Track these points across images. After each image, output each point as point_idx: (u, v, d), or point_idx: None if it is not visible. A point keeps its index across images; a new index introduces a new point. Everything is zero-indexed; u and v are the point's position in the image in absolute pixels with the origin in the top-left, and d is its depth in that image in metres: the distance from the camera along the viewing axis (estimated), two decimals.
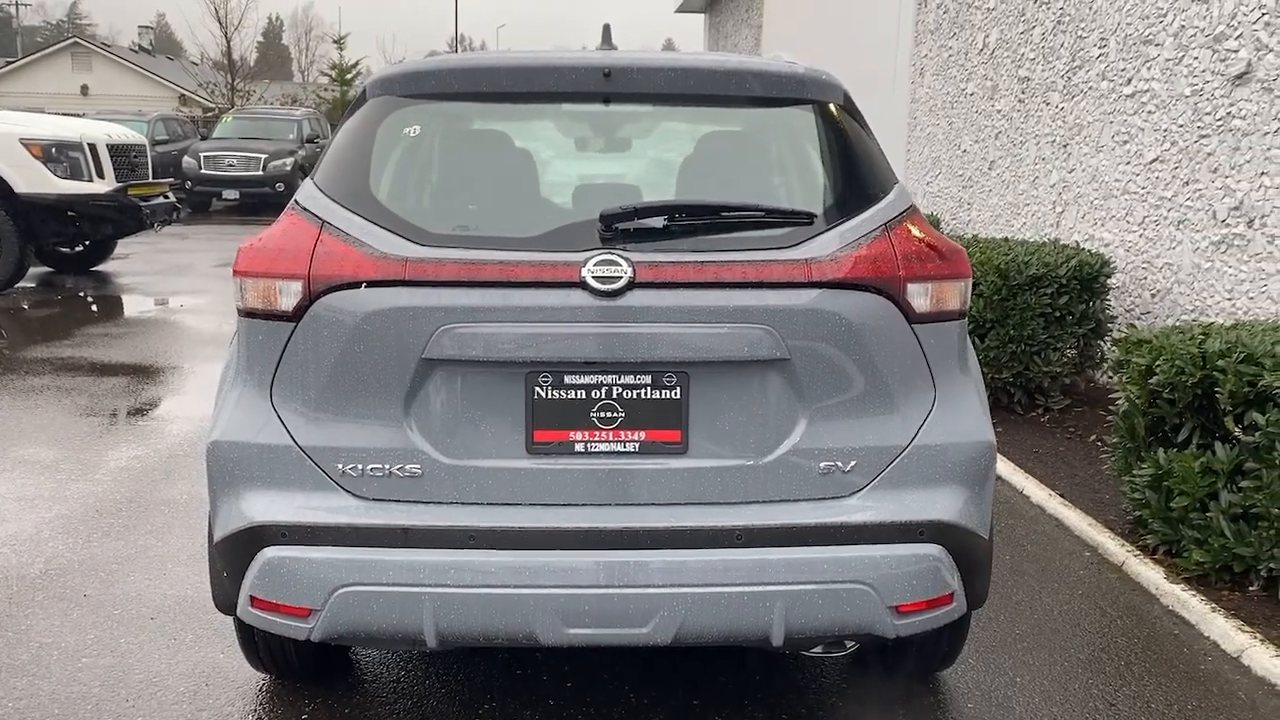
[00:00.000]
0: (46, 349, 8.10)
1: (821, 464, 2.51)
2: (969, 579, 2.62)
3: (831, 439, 2.51)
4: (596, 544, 2.44)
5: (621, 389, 2.46)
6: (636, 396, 2.47)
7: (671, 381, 2.46)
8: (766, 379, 2.48)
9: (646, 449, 2.48)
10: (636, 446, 2.48)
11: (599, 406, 2.47)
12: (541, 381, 2.45)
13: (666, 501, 2.49)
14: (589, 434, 2.47)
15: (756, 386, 2.49)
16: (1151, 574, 4.00)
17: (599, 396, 2.47)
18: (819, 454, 2.51)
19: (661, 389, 2.47)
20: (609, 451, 2.48)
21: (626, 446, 2.48)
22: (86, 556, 4.12)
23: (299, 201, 2.66)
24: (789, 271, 2.46)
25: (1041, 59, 8.17)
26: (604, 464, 2.48)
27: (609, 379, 2.46)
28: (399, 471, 2.47)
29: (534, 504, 2.48)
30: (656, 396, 2.47)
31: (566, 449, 2.48)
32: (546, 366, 2.44)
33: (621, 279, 2.40)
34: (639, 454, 2.48)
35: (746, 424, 2.49)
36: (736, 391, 2.48)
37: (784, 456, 2.50)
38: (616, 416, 2.47)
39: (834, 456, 2.51)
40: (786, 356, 2.45)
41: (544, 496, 2.48)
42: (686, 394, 2.47)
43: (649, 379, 2.46)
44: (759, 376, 2.48)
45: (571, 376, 2.46)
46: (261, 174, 19.45)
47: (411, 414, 2.47)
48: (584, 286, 2.41)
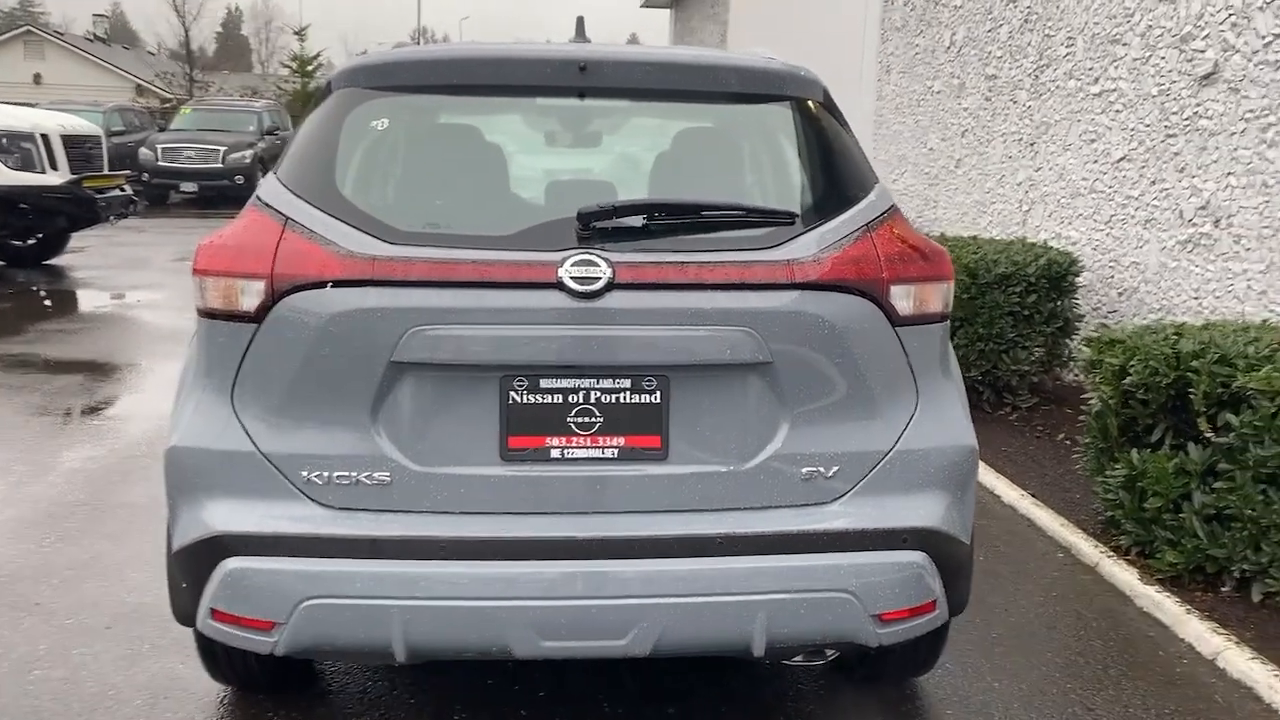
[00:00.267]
0: None
1: (804, 470, 2.45)
2: (950, 585, 2.57)
3: (814, 444, 2.45)
4: (573, 554, 2.36)
5: (600, 393, 2.39)
6: (615, 401, 2.39)
7: (651, 385, 2.39)
8: (748, 383, 2.42)
9: (625, 455, 2.41)
10: (615, 453, 2.41)
11: (576, 411, 2.39)
12: (516, 386, 2.37)
13: (646, 509, 2.41)
14: (566, 440, 2.40)
15: (738, 390, 2.42)
16: (1125, 575, 3.99)
17: (576, 401, 2.39)
18: (801, 459, 2.45)
19: (641, 393, 2.40)
20: (586, 458, 2.40)
21: (605, 453, 2.40)
22: (39, 562, 3.99)
23: (261, 197, 2.56)
24: (771, 273, 2.39)
25: (1009, 57, 8.17)
26: (581, 471, 2.40)
27: (586, 383, 2.38)
28: (366, 479, 2.38)
29: (508, 513, 2.39)
30: (636, 401, 2.40)
31: (542, 455, 2.40)
32: (521, 370, 2.36)
33: (600, 280, 2.33)
34: (618, 460, 2.41)
35: (728, 429, 2.43)
36: (717, 396, 2.42)
37: (766, 462, 2.43)
38: (594, 422, 2.40)
39: (816, 462, 2.45)
40: (769, 360, 2.39)
41: (518, 505, 2.40)
42: (667, 398, 2.40)
43: (628, 383, 2.39)
44: (740, 380, 2.42)
45: (548, 380, 2.38)
46: (220, 166, 19.12)
47: (380, 419, 2.38)
48: (561, 287, 2.33)
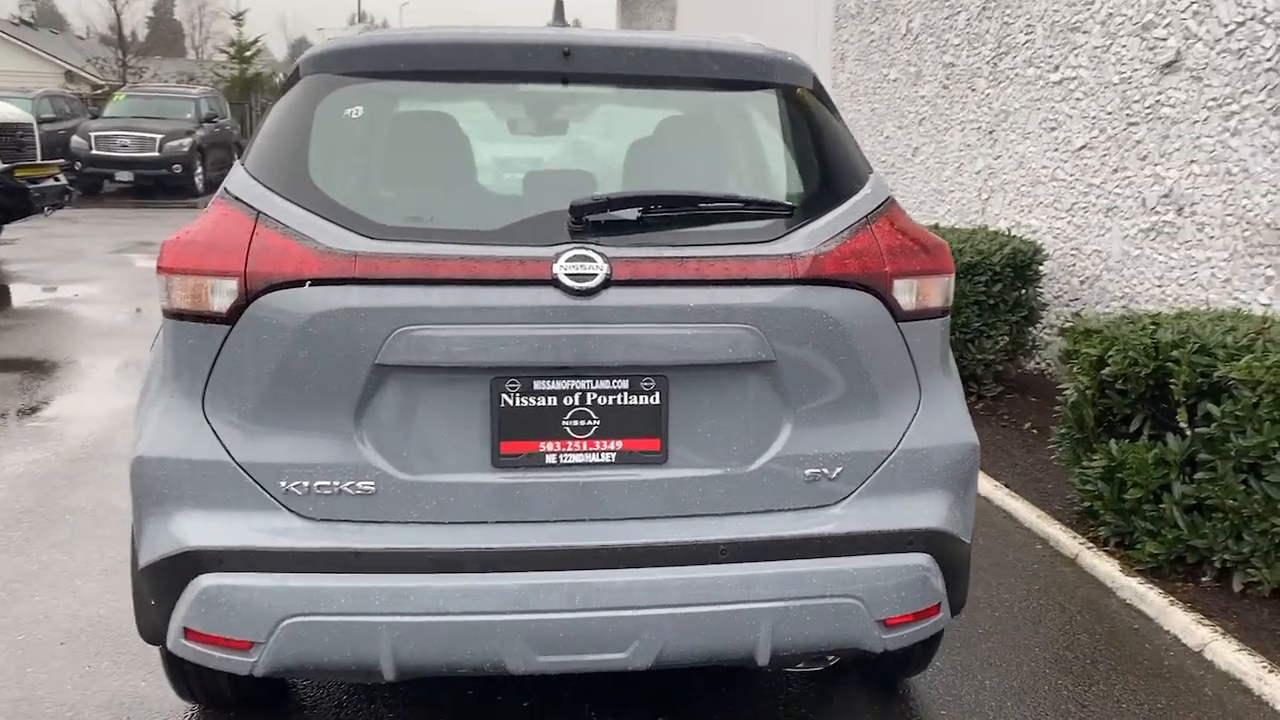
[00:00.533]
0: None
1: (807, 471, 2.36)
2: (952, 586, 2.51)
3: (817, 445, 2.36)
4: (570, 564, 2.25)
5: (596, 395, 2.28)
6: (612, 403, 2.28)
7: (650, 386, 2.29)
8: (750, 382, 2.32)
9: (623, 459, 2.30)
10: (612, 457, 2.29)
11: (571, 414, 2.28)
12: (509, 388, 2.25)
13: (644, 515, 2.31)
14: (561, 444, 2.28)
15: (739, 390, 2.32)
16: (1106, 567, 3.97)
17: (571, 404, 2.27)
18: (804, 461, 2.36)
19: (639, 394, 2.29)
20: (583, 463, 2.29)
21: (602, 457, 2.29)
22: None
23: (230, 190, 2.41)
24: (774, 268, 2.30)
25: (967, 45, 8.16)
26: (577, 476, 2.29)
27: (582, 384, 2.27)
28: (350, 489, 2.25)
29: (500, 522, 2.28)
30: (634, 403, 2.29)
31: (536, 461, 2.28)
32: (514, 372, 2.24)
33: (597, 276, 2.21)
34: (615, 465, 2.30)
35: (729, 430, 2.33)
36: (718, 396, 2.32)
37: (768, 464, 2.34)
38: (591, 425, 2.28)
39: (820, 463, 2.37)
40: (771, 358, 2.29)
41: (512, 514, 2.28)
42: (666, 399, 2.30)
43: (626, 384, 2.28)
44: (742, 379, 2.32)
45: (541, 382, 2.26)
46: (157, 155, 18.57)
47: (363, 425, 2.24)
48: (556, 284, 2.21)
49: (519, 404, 2.26)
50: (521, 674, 2.26)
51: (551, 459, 2.28)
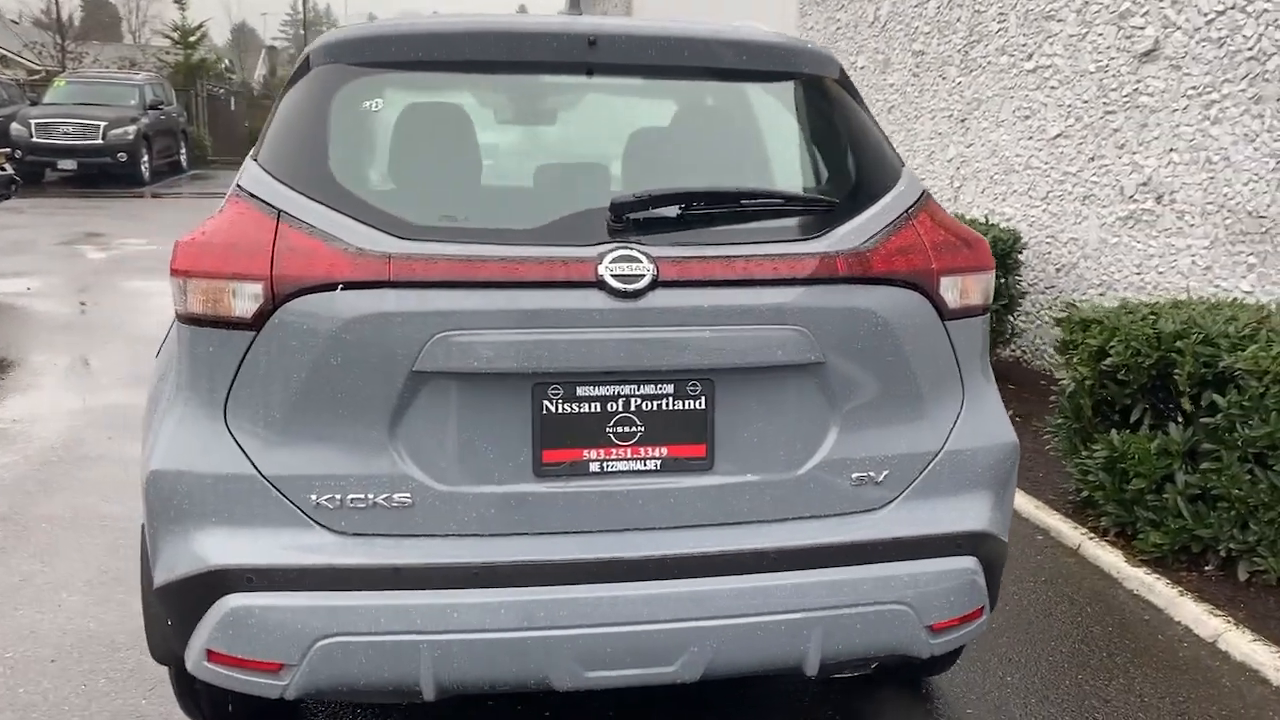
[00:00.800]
0: None
1: (853, 475, 2.30)
2: (991, 588, 2.47)
3: (863, 448, 2.30)
4: (616, 576, 2.17)
5: (641, 400, 2.19)
6: (657, 408, 2.20)
7: (696, 390, 2.21)
8: (797, 384, 2.25)
9: (669, 466, 2.22)
10: (658, 464, 2.21)
11: (616, 420, 2.19)
12: (551, 394, 2.16)
13: (691, 524, 2.23)
14: (605, 452, 2.20)
15: (786, 393, 2.25)
16: (1110, 557, 3.97)
17: (615, 409, 2.19)
18: (851, 464, 2.30)
19: (685, 399, 2.21)
20: (627, 470, 2.21)
21: (647, 464, 2.21)
22: None
23: (244, 186, 2.28)
24: (822, 266, 2.23)
25: (937, 33, 8.16)
26: (622, 485, 2.20)
27: (627, 389, 2.18)
28: (385, 501, 2.15)
29: (543, 533, 2.19)
30: (679, 407, 2.21)
31: (580, 470, 2.19)
32: (557, 377, 2.15)
33: (644, 277, 2.13)
34: (660, 472, 2.22)
35: (775, 435, 2.26)
36: (764, 399, 2.25)
37: (815, 469, 2.28)
38: (635, 431, 2.20)
39: (866, 466, 2.31)
40: (821, 360, 2.22)
41: (555, 524, 2.19)
42: (712, 404, 2.22)
43: (671, 388, 2.20)
44: (789, 382, 2.25)
45: (585, 388, 2.17)
46: (101, 143, 18.04)
47: (399, 435, 2.14)
48: (601, 286, 2.12)
49: (561, 411, 2.17)
50: (567, 690, 2.18)
51: (595, 467, 2.20)
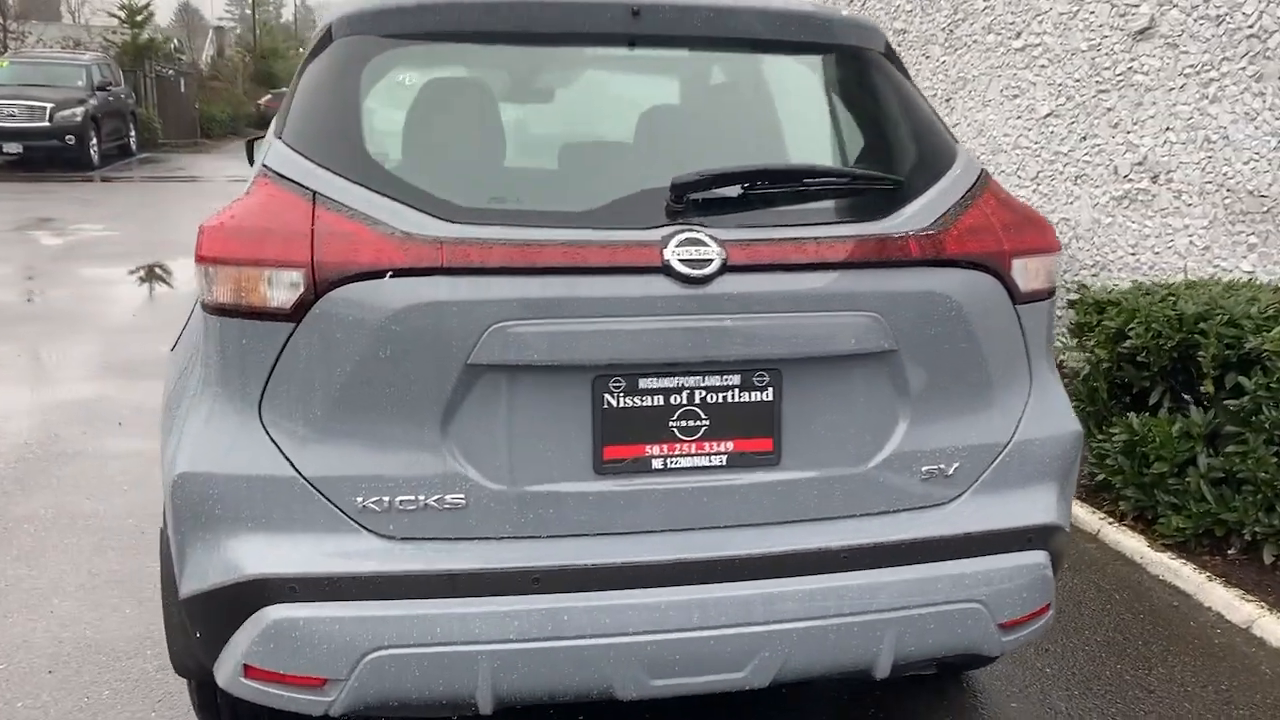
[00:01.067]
0: None
1: (924, 468, 2.19)
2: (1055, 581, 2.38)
3: (934, 439, 2.19)
4: (682, 578, 2.05)
5: (705, 392, 2.07)
6: (723, 400, 2.08)
7: (763, 381, 2.08)
8: (867, 374, 2.14)
9: (734, 461, 2.10)
10: (723, 460, 2.09)
11: (680, 414, 2.06)
12: (613, 387, 2.03)
13: (758, 522, 2.12)
14: (668, 447, 2.07)
15: (855, 383, 2.14)
16: (1131, 542, 3.92)
17: (679, 402, 2.06)
18: (921, 457, 2.19)
19: (751, 390, 2.08)
20: (691, 467, 2.08)
21: (712, 460, 2.09)
22: None
23: (272, 166, 2.12)
24: (896, 248, 2.11)
25: (920, 11, 8.07)
26: (686, 482, 2.08)
27: (691, 381, 2.06)
28: (436, 503, 2.00)
29: (604, 534, 2.06)
30: (746, 399, 2.09)
31: (642, 466, 2.06)
32: (619, 369, 2.02)
33: (712, 261, 2.00)
34: (726, 468, 2.09)
35: (844, 427, 2.14)
36: (833, 389, 2.13)
37: (885, 462, 2.16)
38: (700, 425, 2.07)
39: (936, 459, 2.20)
40: (894, 347, 2.11)
41: (616, 525, 2.06)
42: (779, 395, 2.10)
43: (737, 379, 2.07)
44: (859, 371, 2.13)
45: (647, 380, 2.04)
46: (48, 125, 17.50)
47: (450, 432, 2.00)
48: (667, 271, 1.99)
49: (623, 404, 2.04)
50: (632, 700, 2.06)
51: (658, 464, 2.07)
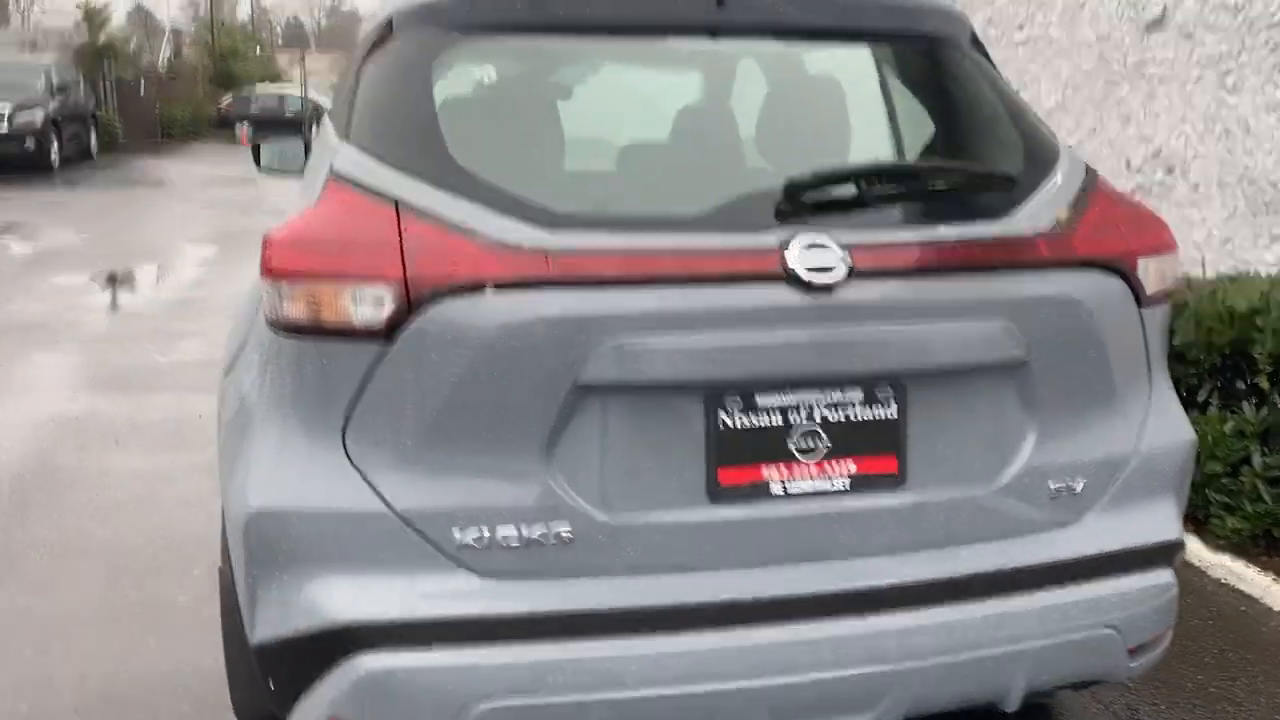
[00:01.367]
0: None
1: (1052, 485, 2.06)
2: None
3: (1062, 454, 2.06)
4: (809, 613, 1.89)
5: (827, 409, 1.91)
6: (845, 418, 1.92)
7: (887, 395, 1.93)
8: (994, 385, 2.00)
9: (858, 484, 1.94)
10: (846, 483, 1.94)
11: (800, 433, 1.91)
12: (727, 406, 1.87)
13: (884, 550, 1.96)
14: (787, 469, 1.91)
15: (983, 395, 1.99)
16: (1188, 544, 3.81)
17: (798, 421, 1.90)
18: (1049, 473, 2.05)
19: (875, 406, 1.93)
20: (811, 491, 1.93)
21: (834, 483, 1.93)
22: None
23: (343, 172, 1.95)
24: (1026, 250, 1.97)
25: None
26: (806, 508, 1.92)
27: (812, 397, 1.90)
28: (542, 537, 1.83)
29: (722, 567, 1.90)
30: (869, 416, 1.93)
31: (760, 492, 1.90)
32: (735, 386, 1.86)
33: (838, 267, 1.84)
34: (849, 492, 1.94)
35: (971, 444, 2.00)
36: (960, 402, 1.98)
37: (1014, 480, 2.03)
38: (820, 445, 1.92)
39: (1064, 475, 2.06)
40: (1025, 356, 1.97)
41: (734, 557, 1.90)
42: (905, 410, 1.95)
43: (859, 394, 1.92)
44: (986, 383, 1.99)
45: (765, 397, 1.88)
46: (7, 130, 17.02)
47: (556, 458, 1.83)
48: (790, 279, 1.83)
49: (739, 424, 1.88)
50: None
51: (777, 488, 1.91)
